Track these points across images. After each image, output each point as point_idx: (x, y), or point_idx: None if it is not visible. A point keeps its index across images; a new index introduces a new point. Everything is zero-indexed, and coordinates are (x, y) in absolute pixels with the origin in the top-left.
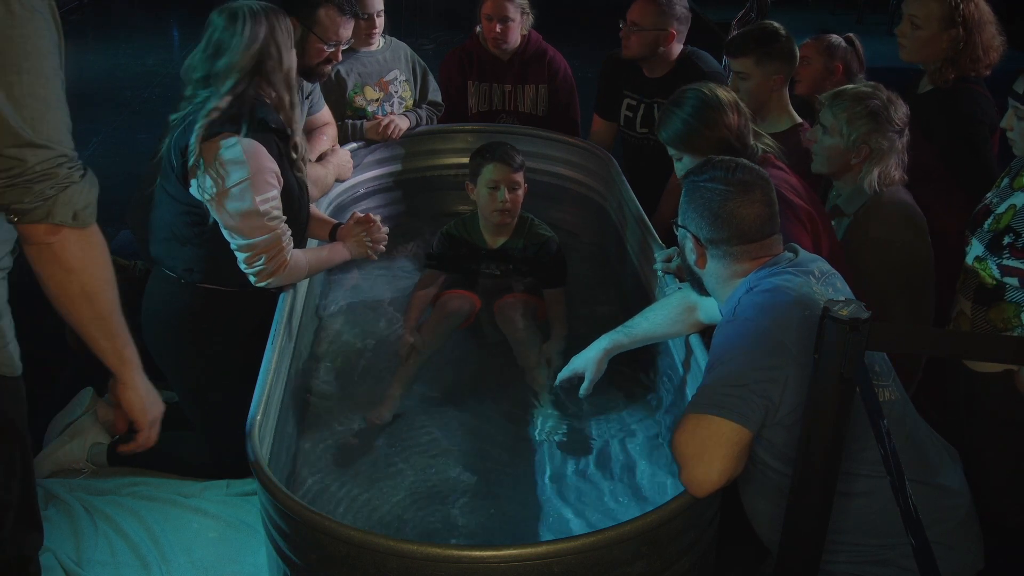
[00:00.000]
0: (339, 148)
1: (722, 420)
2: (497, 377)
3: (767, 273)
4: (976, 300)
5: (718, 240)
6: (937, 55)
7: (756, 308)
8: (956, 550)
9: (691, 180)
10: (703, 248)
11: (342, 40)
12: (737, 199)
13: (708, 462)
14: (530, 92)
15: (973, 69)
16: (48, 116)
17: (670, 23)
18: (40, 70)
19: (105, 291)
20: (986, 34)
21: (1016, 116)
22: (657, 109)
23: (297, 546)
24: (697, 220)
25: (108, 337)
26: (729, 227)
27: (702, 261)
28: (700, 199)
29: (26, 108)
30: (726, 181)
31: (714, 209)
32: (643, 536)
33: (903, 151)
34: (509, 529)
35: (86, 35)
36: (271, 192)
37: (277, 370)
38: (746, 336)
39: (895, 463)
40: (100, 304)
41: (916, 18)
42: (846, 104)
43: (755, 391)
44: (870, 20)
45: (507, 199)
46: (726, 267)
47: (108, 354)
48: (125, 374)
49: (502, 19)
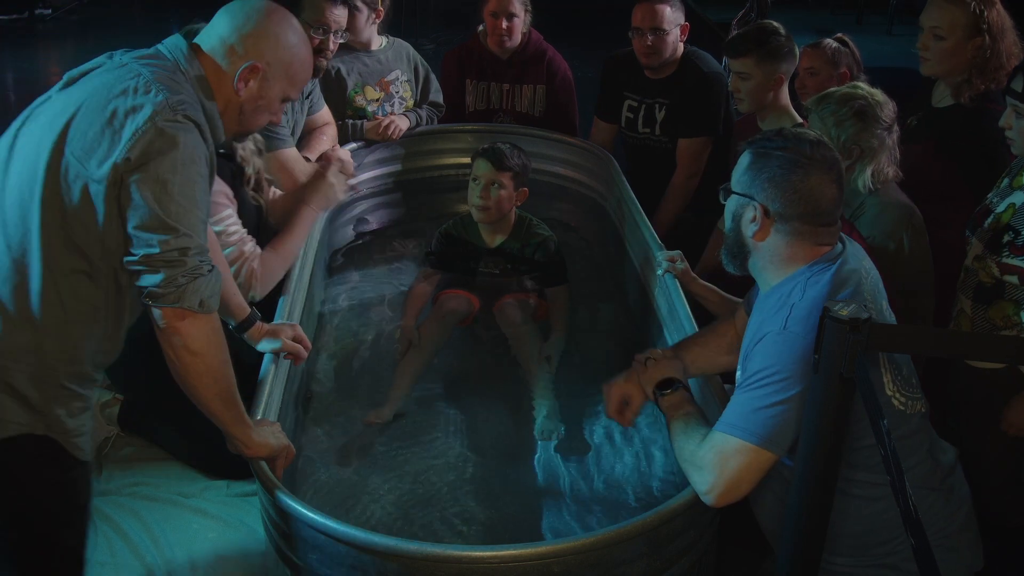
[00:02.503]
0: (339, 148)
1: (759, 449)
2: (497, 377)
3: (822, 269)
4: (976, 299)
5: (790, 215)
6: (963, 65)
7: (809, 323)
8: (957, 551)
9: (763, 146)
10: (770, 220)
11: (331, 27)
12: (818, 175)
13: (737, 486)
14: (528, 92)
15: (996, 79)
16: (191, 213)
17: (683, 17)
18: (190, 174)
19: (224, 370)
20: (1008, 41)
21: (1015, 114)
22: (659, 109)
23: (297, 546)
24: (769, 189)
25: (227, 408)
26: (807, 203)
27: (763, 234)
28: (776, 167)
29: (174, 202)
30: (808, 155)
31: (794, 181)
32: (643, 536)
33: (894, 147)
34: (509, 529)
35: (86, 35)
36: (224, 212)
37: (277, 370)
38: (795, 355)
39: (895, 463)
40: (222, 382)
41: (939, 29)
42: (832, 108)
43: (796, 418)
44: (870, 20)
45: (482, 195)
46: (788, 247)
47: (226, 422)
48: (242, 436)
49: (508, 15)
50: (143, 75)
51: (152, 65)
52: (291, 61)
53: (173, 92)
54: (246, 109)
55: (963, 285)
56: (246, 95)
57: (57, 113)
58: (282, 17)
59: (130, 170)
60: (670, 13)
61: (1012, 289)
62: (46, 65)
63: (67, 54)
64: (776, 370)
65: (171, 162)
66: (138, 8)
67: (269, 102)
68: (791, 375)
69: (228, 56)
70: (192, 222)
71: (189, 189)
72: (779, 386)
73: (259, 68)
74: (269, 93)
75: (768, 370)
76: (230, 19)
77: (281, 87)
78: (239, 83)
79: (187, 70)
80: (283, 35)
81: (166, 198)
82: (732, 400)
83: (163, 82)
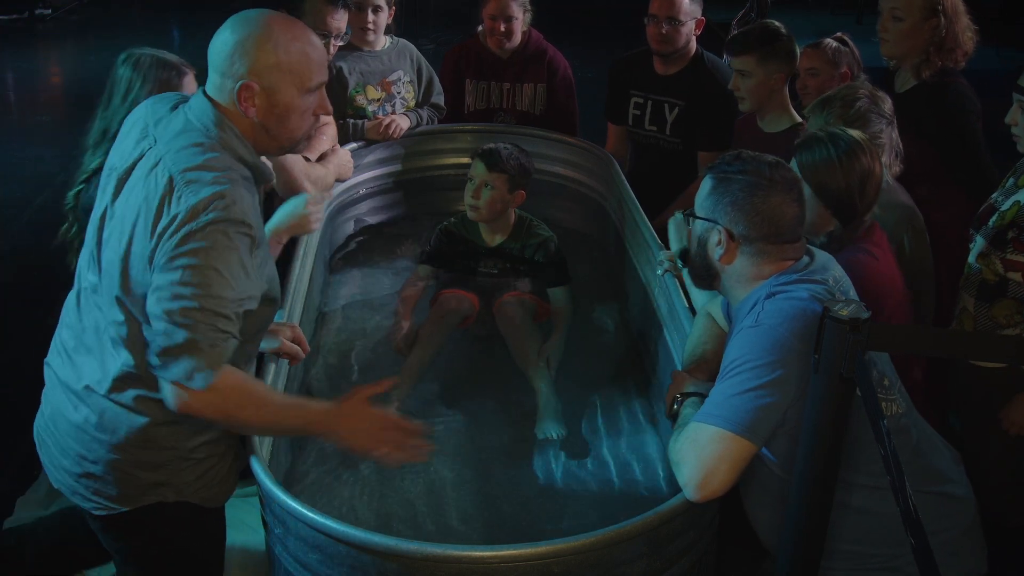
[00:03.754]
0: (339, 148)
1: (734, 436)
2: (496, 377)
3: (789, 278)
4: (979, 296)
5: (754, 237)
6: (920, 46)
7: (780, 315)
8: (960, 556)
9: (722, 170)
10: (735, 243)
11: (332, 32)
12: (779, 196)
13: (713, 474)
14: (528, 91)
15: (952, 59)
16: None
17: (700, 10)
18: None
19: (252, 420)
20: (961, 23)
21: (1021, 110)
22: (669, 109)
23: (297, 546)
24: (733, 214)
25: (289, 431)
26: (769, 224)
27: (729, 257)
28: (738, 192)
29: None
30: (768, 177)
31: (756, 204)
32: (643, 536)
33: (898, 140)
34: (509, 529)
35: (86, 35)
36: None
37: (277, 370)
38: (766, 345)
39: (895, 463)
40: (258, 427)
41: (897, 10)
42: (838, 109)
43: (770, 405)
44: (870, 20)
45: (474, 195)
46: (753, 266)
47: (300, 433)
48: (325, 433)
49: (506, 18)
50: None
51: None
52: (286, 58)
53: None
54: (269, 124)
55: (966, 283)
56: (260, 114)
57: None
58: (251, 22)
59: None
60: (688, 4)
61: (1015, 286)
62: (46, 65)
63: (67, 54)
64: (749, 358)
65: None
66: (138, 8)
67: (290, 106)
68: (764, 363)
69: (226, 91)
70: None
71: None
72: (751, 374)
73: (251, 86)
74: (283, 99)
75: (740, 359)
76: (213, 51)
77: (293, 84)
78: (245, 108)
79: (220, 136)
80: (263, 40)
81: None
82: (710, 393)
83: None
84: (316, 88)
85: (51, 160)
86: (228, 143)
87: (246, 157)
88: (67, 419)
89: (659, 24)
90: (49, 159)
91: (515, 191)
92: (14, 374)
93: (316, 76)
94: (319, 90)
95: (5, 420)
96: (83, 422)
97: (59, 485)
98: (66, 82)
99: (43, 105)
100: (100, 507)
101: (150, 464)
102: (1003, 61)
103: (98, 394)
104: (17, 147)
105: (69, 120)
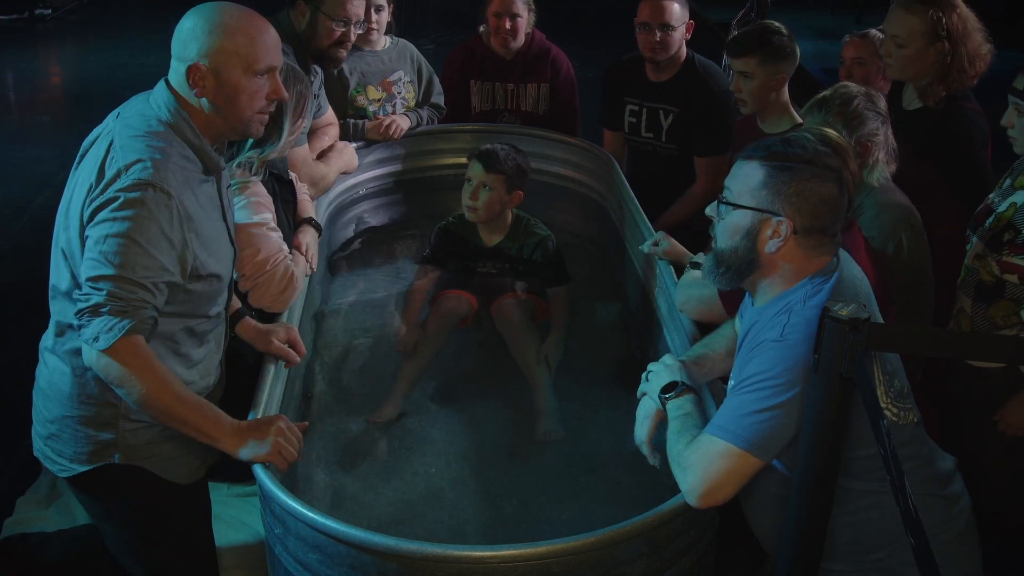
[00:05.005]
0: (343, 143)
1: (744, 453)
2: (496, 377)
3: (821, 282)
4: (976, 297)
5: (815, 229)
6: (925, 71)
7: (806, 331)
8: (956, 559)
9: (779, 156)
10: (797, 238)
11: (351, 18)
12: (835, 185)
13: (718, 487)
14: (532, 91)
15: (960, 82)
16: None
17: (688, 15)
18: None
19: (148, 397)
20: (972, 43)
21: (1017, 113)
22: (664, 116)
23: (297, 546)
24: (799, 203)
25: (182, 423)
26: (831, 217)
27: (787, 251)
28: (806, 180)
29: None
30: (827, 164)
31: (822, 194)
32: (643, 536)
33: (892, 139)
34: (509, 529)
35: (86, 35)
36: (267, 213)
37: (277, 370)
38: (788, 363)
39: (895, 464)
40: (154, 407)
41: (898, 37)
42: (836, 108)
43: (785, 425)
44: (870, 20)
45: (471, 197)
46: (802, 259)
47: (192, 431)
48: (214, 440)
49: (511, 16)
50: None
51: (130, 138)
52: (232, 41)
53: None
54: (219, 104)
55: (963, 284)
56: (209, 95)
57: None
58: (205, 10)
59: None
60: (678, 10)
61: (1012, 288)
62: (46, 65)
63: (67, 54)
64: (769, 376)
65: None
66: (138, 8)
67: (238, 86)
68: (784, 382)
69: (180, 75)
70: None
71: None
72: (770, 391)
73: (198, 67)
74: (230, 79)
75: (761, 375)
76: (173, 39)
77: (239, 66)
78: (195, 90)
79: (171, 119)
80: (214, 25)
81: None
82: (723, 404)
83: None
84: (265, 71)
85: (51, 160)
86: (177, 126)
87: (191, 139)
88: (37, 383)
89: (652, 32)
90: (49, 159)
91: (513, 192)
92: (14, 374)
93: (264, 59)
94: (270, 74)
95: (5, 420)
96: (44, 383)
97: (37, 453)
98: (66, 82)
99: (43, 105)
100: (64, 468)
101: (97, 421)
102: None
103: (49, 351)
104: (17, 147)
105: (69, 120)
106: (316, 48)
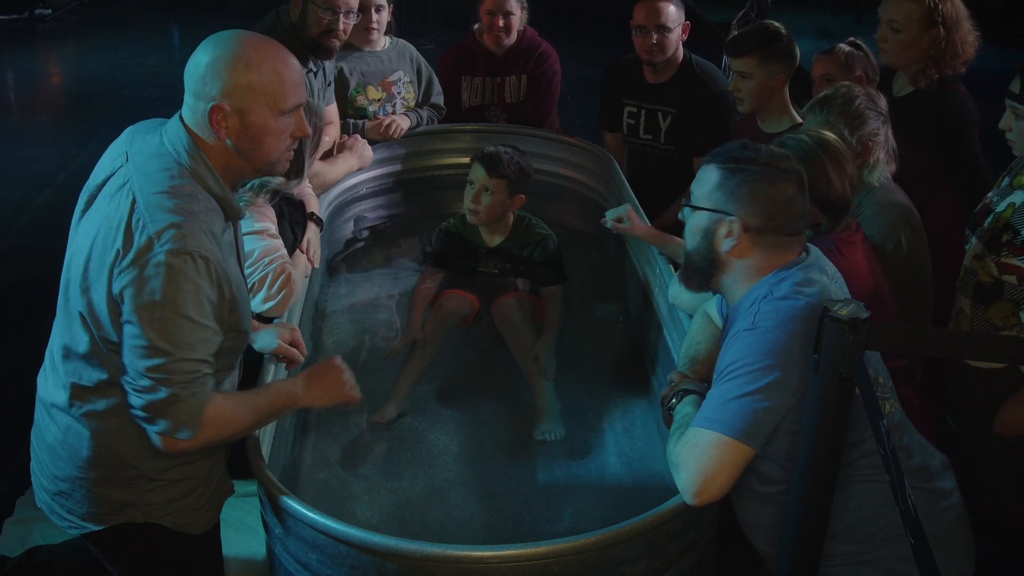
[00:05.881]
0: (359, 138)
1: (732, 441)
2: (496, 377)
3: (787, 275)
4: (975, 298)
5: (768, 229)
6: (919, 56)
7: (776, 318)
8: (946, 554)
9: (732, 160)
10: (748, 235)
11: (339, 7)
12: (791, 187)
13: (711, 480)
14: (513, 82)
15: (952, 67)
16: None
17: (684, 16)
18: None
19: (238, 431)
20: (963, 30)
21: (1015, 116)
22: (662, 117)
23: (297, 546)
24: (749, 204)
25: (271, 419)
26: (783, 216)
27: (741, 250)
28: (755, 181)
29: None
30: (781, 167)
31: (772, 194)
32: (643, 536)
33: (892, 138)
34: (509, 529)
35: (86, 35)
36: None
37: (277, 370)
38: (763, 348)
39: (895, 463)
40: (243, 432)
41: (895, 22)
42: (839, 107)
43: (768, 409)
44: (870, 20)
45: (474, 200)
46: (762, 259)
47: (280, 416)
48: (296, 405)
49: (504, 13)
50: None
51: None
52: (258, 78)
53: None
54: (243, 147)
55: (962, 285)
56: (233, 136)
57: (76, 249)
58: (224, 42)
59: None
60: (674, 11)
61: (1011, 289)
62: (46, 65)
63: (67, 54)
64: (745, 363)
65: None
66: (138, 8)
67: (264, 127)
68: (761, 367)
69: (199, 114)
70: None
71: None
72: (749, 377)
73: (222, 107)
74: (255, 120)
75: (737, 363)
76: (188, 73)
77: (266, 105)
78: (217, 131)
79: (191, 165)
80: (235, 60)
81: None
82: (706, 397)
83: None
84: (292, 110)
85: (51, 160)
86: (198, 173)
87: (214, 189)
88: (43, 437)
89: (648, 34)
90: (49, 159)
91: (515, 195)
92: (14, 374)
93: (291, 97)
94: (296, 112)
95: (5, 421)
96: (53, 440)
97: (41, 504)
98: (66, 82)
99: (43, 105)
100: (74, 526)
101: (114, 482)
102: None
103: (61, 410)
104: (17, 147)
105: (69, 120)
106: (308, 38)
